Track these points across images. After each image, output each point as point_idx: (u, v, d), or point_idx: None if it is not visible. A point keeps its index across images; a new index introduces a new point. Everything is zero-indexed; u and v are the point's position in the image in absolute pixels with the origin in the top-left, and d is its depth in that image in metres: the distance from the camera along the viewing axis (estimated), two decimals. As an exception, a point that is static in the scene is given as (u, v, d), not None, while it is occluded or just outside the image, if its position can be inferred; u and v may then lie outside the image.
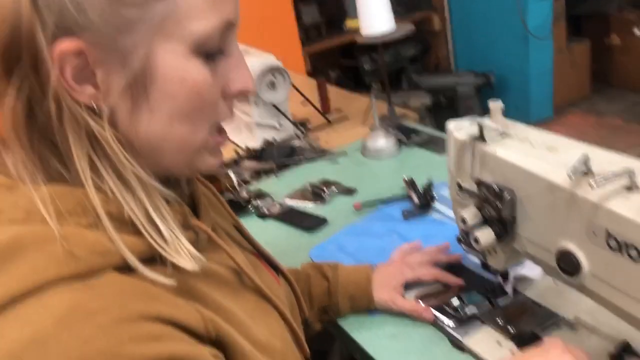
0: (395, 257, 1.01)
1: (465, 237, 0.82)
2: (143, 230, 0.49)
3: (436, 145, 1.49)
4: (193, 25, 0.49)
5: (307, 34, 3.44)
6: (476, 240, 0.77)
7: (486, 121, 0.80)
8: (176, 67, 0.49)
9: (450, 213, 1.18)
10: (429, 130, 1.58)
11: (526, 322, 0.85)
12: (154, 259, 0.50)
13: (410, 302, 0.93)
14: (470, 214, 0.78)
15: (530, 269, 0.95)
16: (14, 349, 0.41)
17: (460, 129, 0.82)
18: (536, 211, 0.72)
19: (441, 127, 1.68)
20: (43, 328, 0.42)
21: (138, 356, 0.43)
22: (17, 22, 0.45)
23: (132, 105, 0.50)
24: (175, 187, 0.59)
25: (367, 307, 0.94)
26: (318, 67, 3.56)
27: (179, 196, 0.56)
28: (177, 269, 0.51)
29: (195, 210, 0.62)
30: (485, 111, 0.82)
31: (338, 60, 3.98)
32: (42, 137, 0.49)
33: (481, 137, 0.79)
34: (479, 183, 0.79)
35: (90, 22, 0.46)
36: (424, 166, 1.39)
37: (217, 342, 0.51)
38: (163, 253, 0.49)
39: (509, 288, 0.91)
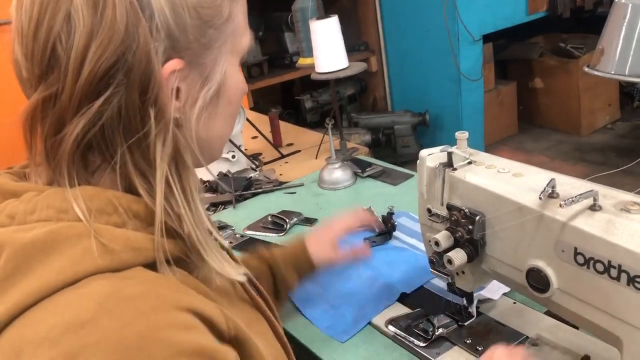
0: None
1: (438, 260, 0.86)
2: (194, 237, 0.51)
3: (389, 177, 1.55)
4: (243, 41, 0.58)
5: (250, 71, 3.49)
6: (449, 262, 0.81)
7: (454, 149, 0.85)
8: (235, 77, 0.58)
9: (409, 240, 1.23)
10: (381, 163, 1.63)
11: (492, 341, 0.89)
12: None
13: (347, 250, 0.99)
14: (443, 237, 0.83)
15: (490, 292, 0.99)
16: (54, 332, 0.42)
17: (430, 157, 0.87)
18: (506, 232, 0.77)
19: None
20: (84, 312, 0.43)
21: (173, 342, 0.44)
22: (128, 46, 0.47)
23: (204, 113, 0.55)
24: None
25: (312, 271, 0.98)
26: (260, 103, 3.60)
27: None
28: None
29: None
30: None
31: (279, 97, 4.05)
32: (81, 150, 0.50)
33: (450, 164, 0.84)
34: (450, 207, 0.83)
35: (188, 42, 0.51)
36: (379, 197, 1.43)
37: (236, 340, 0.53)
38: (211, 262, 0.53)
39: (473, 309, 0.95)
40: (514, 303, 0.97)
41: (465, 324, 0.94)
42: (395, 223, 1.23)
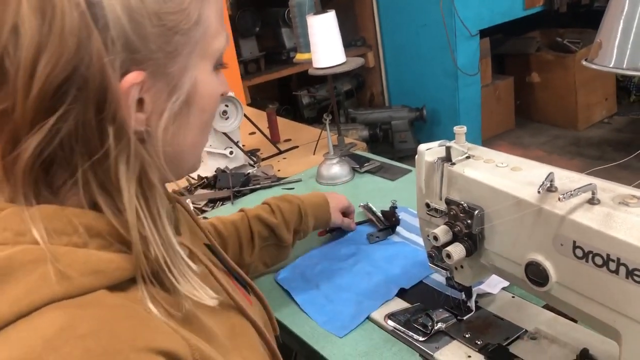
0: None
1: (436, 254, 0.86)
2: (162, 261, 0.49)
3: (387, 172, 1.55)
4: (215, 44, 0.54)
5: (246, 67, 3.48)
6: (448, 256, 0.81)
7: (453, 144, 0.85)
8: (208, 83, 0.54)
9: (408, 235, 1.23)
10: (379, 158, 1.63)
11: (492, 335, 0.89)
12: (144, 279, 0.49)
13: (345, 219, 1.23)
14: (442, 231, 0.83)
15: (489, 286, 1.00)
16: None
17: (429, 151, 0.87)
18: (504, 226, 0.77)
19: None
20: (32, 350, 0.40)
21: None
22: (80, 60, 0.44)
23: (174, 124, 0.51)
24: None
25: (324, 226, 1.20)
26: (257, 99, 3.60)
27: None
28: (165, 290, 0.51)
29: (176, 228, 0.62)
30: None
31: (276, 93, 4.04)
32: (40, 164, 0.47)
33: (448, 159, 0.84)
34: (449, 202, 0.83)
35: (150, 52, 0.47)
36: (377, 192, 1.43)
37: None
38: (180, 287, 0.50)
39: (472, 304, 0.95)
40: (513, 297, 0.98)
41: (464, 318, 0.94)
42: (399, 217, 1.23)
